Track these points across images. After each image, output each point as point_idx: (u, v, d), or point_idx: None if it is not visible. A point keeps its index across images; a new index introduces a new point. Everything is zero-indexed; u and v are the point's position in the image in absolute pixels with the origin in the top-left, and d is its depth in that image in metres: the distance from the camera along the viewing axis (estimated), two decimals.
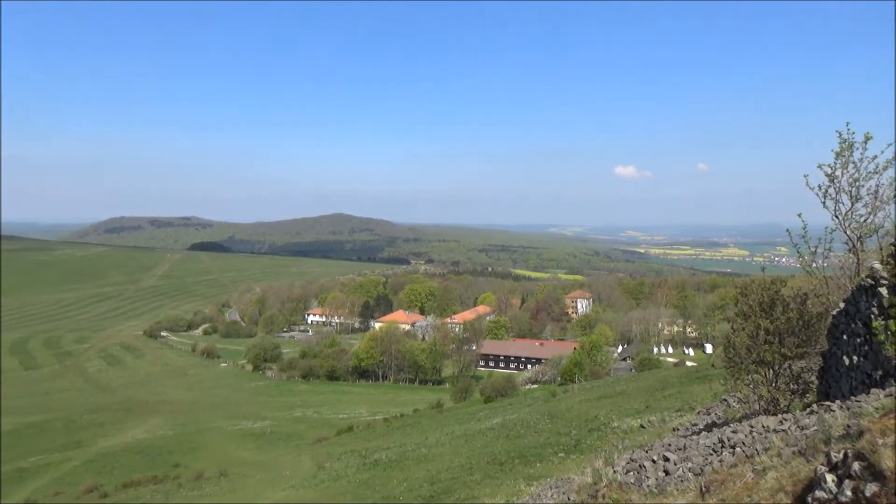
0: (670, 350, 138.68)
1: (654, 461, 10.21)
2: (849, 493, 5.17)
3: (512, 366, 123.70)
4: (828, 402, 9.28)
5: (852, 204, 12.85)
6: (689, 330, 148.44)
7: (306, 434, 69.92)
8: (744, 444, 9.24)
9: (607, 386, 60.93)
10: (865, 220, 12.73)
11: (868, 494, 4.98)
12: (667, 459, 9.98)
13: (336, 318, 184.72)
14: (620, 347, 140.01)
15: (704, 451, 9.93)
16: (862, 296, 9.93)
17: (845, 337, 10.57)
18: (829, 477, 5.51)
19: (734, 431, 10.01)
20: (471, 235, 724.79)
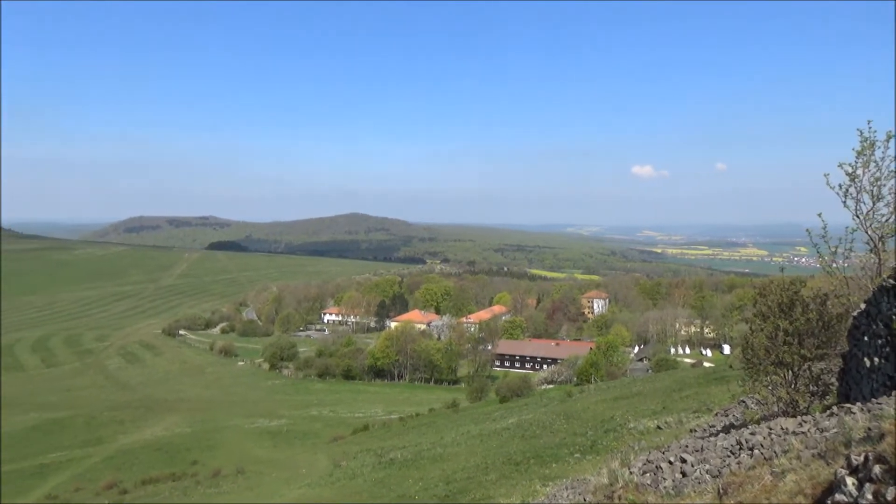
0: (687, 351, 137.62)
1: (670, 462, 10.14)
2: (869, 496, 5.11)
3: (528, 366, 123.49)
4: (848, 405, 9.17)
5: (874, 203, 12.69)
6: (707, 331, 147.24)
7: (322, 433, 70.34)
8: (762, 446, 9.15)
9: (623, 386, 60.56)
10: (887, 220, 12.57)
11: (889, 498, 4.92)
12: (684, 461, 9.92)
13: (352, 317, 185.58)
14: (637, 348, 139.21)
15: (722, 452, 9.86)
16: (883, 297, 9.80)
17: (866, 338, 10.44)
18: (850, 480, 5.45)
19: (752, 433, 9.92)
20: (486, 235, 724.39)
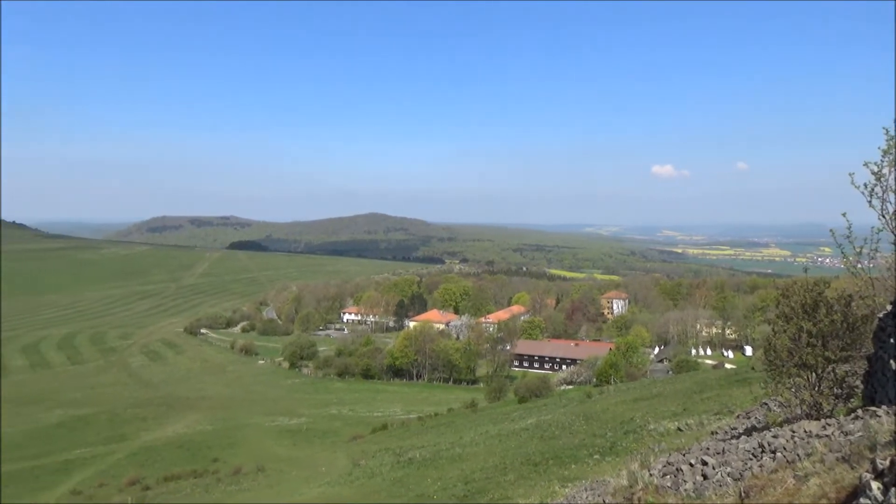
0: (709, 352, 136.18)
1: (691, 465, 10.06)
2: (895, 501, 5.04)
3: (546, 366, 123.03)
4: (873, 408, 9.04)
5: None
6: (729, 332, 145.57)
7: (341, 431, 70.77)
8: (785, 449, 9.04)
9: (643, 388, 60.10)
10: None
11: None
12: (705, 463, 9.83)
13: (371, 316, 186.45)
14: (657, 349, 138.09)
15: (744, 455, 9.75)
16: None
17: (892, 340, 10.26)
18: (875, 484, 5.37)
19: (775, 436, 9.80)
20: (505, 235, 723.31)
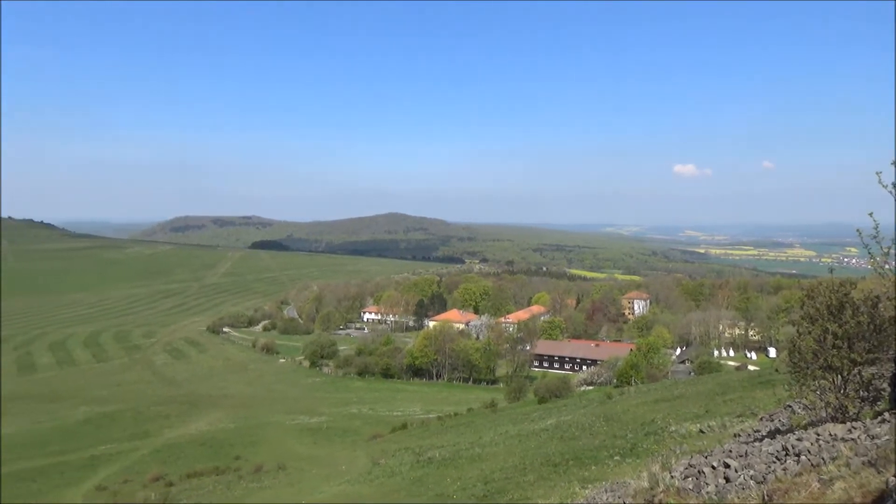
0: (731, 353, 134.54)
1: (713, 467, 9.96)
2: None
3: (566, 367, 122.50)
4: None
5: None
6: (752, 333, 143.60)
7: (361, 430, 71.07)
8: (809, 452, 8.92)
9: (665, 389, 59.47)
10: None
11: None
12: (727, 466, 9.73)
13: (391, 316, 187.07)
14: (679, 350, 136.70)
15: (767, 458, 9.63)
16: None
17: None
18: None
19: (799, 439, 9.67)
20: (525, 235, 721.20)
